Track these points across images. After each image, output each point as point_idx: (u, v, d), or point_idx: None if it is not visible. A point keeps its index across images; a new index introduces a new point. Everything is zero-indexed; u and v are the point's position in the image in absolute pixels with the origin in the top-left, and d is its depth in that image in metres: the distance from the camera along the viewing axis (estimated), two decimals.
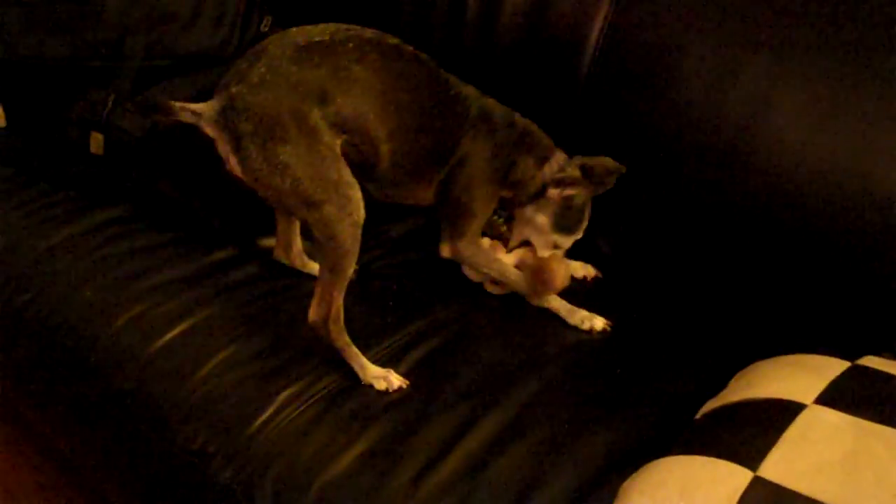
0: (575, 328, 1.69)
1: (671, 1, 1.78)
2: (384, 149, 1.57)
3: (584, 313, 1.70)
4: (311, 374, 1.54)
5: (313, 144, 1.46)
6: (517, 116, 1.72)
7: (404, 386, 1.52)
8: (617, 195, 1.74)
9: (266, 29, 2.17)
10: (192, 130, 1.85)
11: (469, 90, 1.68)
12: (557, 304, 1.71)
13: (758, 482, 1.13)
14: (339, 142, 1.51)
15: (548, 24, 1.92)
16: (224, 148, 1.48)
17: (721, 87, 1.70)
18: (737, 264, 1.75)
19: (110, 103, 1.95)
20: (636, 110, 1.82)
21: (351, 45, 1.53)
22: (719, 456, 1.18)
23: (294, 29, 1.55)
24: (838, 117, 1.60)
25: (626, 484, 1.23)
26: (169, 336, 1.62)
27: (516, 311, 1.72)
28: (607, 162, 1.70)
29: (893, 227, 1.56)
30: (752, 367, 1.42)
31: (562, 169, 1.69)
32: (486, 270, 1.73)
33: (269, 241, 1.80)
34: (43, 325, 1.71)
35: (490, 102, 1.70)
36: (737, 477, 1.14)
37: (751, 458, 1.16)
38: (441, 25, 2.06)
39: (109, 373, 1.61)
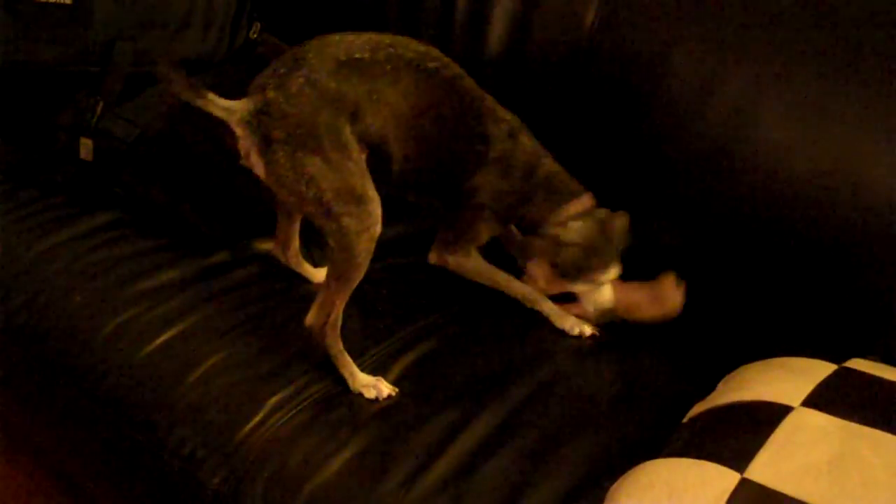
0: (564, 333, 1.70)
1: (656, 7, 1.79)
2: (396, 168, 1.59)
3: (573, 319, 1.70)
4: (301, 379, 1.54)
5: (342, 160, 1.47)
6: (543, 162, 1.68)
7: (393, 394, 1.52)
8: (603, 200, 1.74)
9: (255, 35, 2.18)
10: (182, 136, 1.87)
11: (498, 129, 1.66)
12: (549, 308, 1.72)
13: (745, 484, 1.13)
14: (364, 156, 1.53)
15: (534, 33, 1.92)
16: (250, 148, 1.49)
17: (707, 93, 1.70)
18: (723, 269, 1.75)
19: (99, 109, 1.95)
20: (622, 117, 1.82)
21: (389, 66, 1.53)
22: (707, 458, 1.18)
23: (335, 38, 1.55)
24: (824, 122, 1.61)
25: (613, 487, 1.23)
26: (159, 341, 1.62)
27: (506, 316, 1.73)
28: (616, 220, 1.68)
29: (880, 231, 1.56)
30: (739, 370, 1.42)
31: (571, 218, 1.66)
32: (476, 279, 1.74)
33: (264, 244, 1.80)
34: (33, 331, 1.71)
35: (517, 146, 1.67)
36: (724, 479, 1.14)
37: (738, 461, 1.16)
38: (428, 36, 2.03)
39: (99, 378, 1.61)
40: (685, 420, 1.36)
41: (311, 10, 2.17)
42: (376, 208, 1.50)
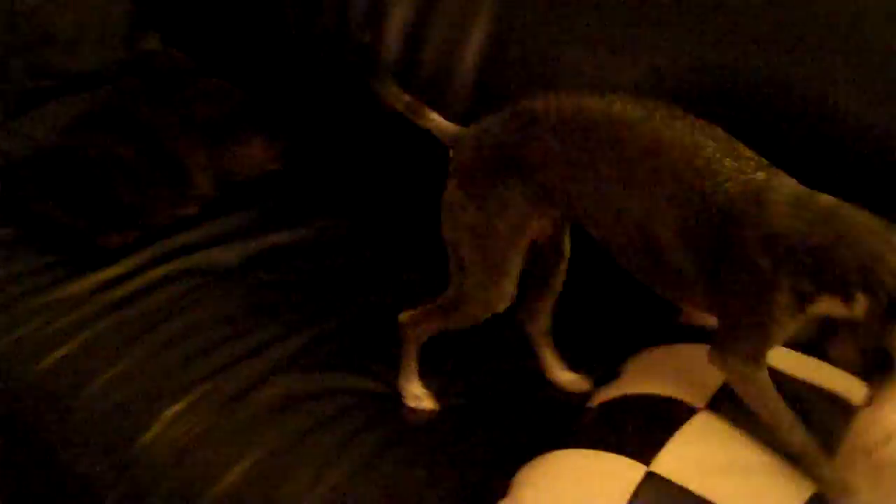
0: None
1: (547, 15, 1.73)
2: (608, 246, 1.32)
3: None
4: (198, 389, 1.51)
5: (496, 218, 1.34)
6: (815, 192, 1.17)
7: (436, 409, 1.49)
8: None
9: (152, 46, 2.16)
10: (78, 150, 1.84)
11: (745, 165, 1.18)
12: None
13: (651, 477, 1.14)
14: (545, 223, 1.37)
15: (427, 50, 1.85)
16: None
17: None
18: None
19: None
20: None
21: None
22: (614, 450, 1.19)
23: (573, 103, 1.29)
24: None
25: (518, 476, 1.23)
26: (54, 357, 1.59)
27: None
28: None
29: None
30: (643, 355, 1.41)
31: None
32: (756, 406, 1.21)
33: None
34: None
35: (776, 180, 1.17)
36: (631, 471, 1.15)
37: (644, 454, 1.17)
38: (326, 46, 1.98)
39: None
40: (590, 405, 1.36)
41: (208, 18, 2.14)
42: (508, 289, 1.37)
